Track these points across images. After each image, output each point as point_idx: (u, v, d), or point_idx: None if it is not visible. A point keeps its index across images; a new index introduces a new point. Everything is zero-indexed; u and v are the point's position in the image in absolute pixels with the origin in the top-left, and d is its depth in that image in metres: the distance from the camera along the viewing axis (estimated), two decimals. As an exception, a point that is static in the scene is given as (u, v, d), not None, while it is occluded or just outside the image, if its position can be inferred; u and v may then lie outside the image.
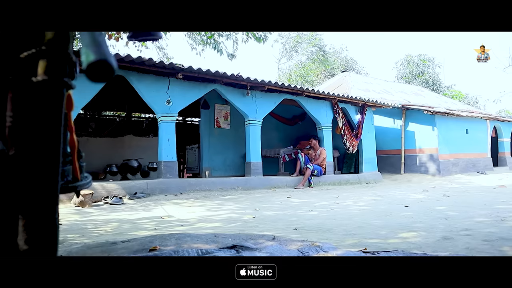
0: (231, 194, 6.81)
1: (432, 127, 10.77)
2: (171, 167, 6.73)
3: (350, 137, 9.63)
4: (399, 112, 11.41)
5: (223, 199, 6.07)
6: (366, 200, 5.56)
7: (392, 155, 11.62)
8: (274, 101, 8.34)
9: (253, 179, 7.59)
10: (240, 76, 7.16)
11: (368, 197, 6.21)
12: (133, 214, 4.54)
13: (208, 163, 9.77)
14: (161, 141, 6.78)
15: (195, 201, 5.89)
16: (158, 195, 6.30)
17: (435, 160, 10.67)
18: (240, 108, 7.83)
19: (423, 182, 10.22)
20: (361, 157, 10.15)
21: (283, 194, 7.00)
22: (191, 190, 6.76)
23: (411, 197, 5.92)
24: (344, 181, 9.23)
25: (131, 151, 8.83)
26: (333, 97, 9.13)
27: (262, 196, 6.58)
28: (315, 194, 7.07)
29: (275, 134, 11.45)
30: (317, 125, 9.31)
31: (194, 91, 7.17)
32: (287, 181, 8.08)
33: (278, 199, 5.99)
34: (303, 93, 8.47)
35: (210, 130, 9.92)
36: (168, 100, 6.83)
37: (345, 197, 6.34)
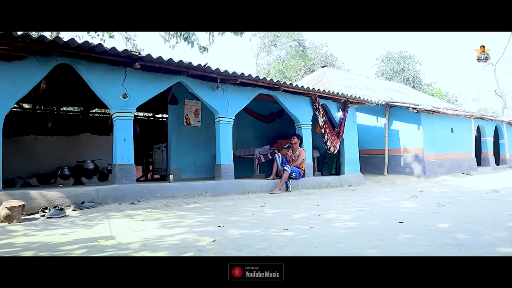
0: (197, 201, 5.95)
1: (417, 125, 10.14)
2: (127, 171, 5.82)
3: (331, 136, 8.89)
4: (382, 109, 10.75)
5: (186, 209, 5.21)
6: (351, 211, 4.80)
7: (375, 155, 10.96)
8: (248, 96, 7.50)
9: (223, 183, 6.75)
10: (208, 67, 6.29)
11: (352, 205, 5.45)
12: (67, 233, 3.64)
13: (177, 164, 8.88)
14: (116, 141, 5.86)
15: (153, 211, 5.01)
16: (111, 204, 5.40)
17: (421, 160, 10.05)
18: (209, 104, 6.96)
19: (408, 184, 9.59)
20: (342, 158, 9.43)
21: (256, 201, 6.18)
22: (150, 198, 5.88)
23: (402, 207, 5.19)
24: (324, 184, 8.49)
25: (88, 151, 7.86)
26: (313, 92, 8.37)
27: (232, 204, 5.74)
28: (293, 201, 6.29)
29: (250, 132, 10.63)
30: (296, 123, 8.53)
31: (155, 84, 6.26)
32: (262, 185, 7.27)
33: (250, 209, 5.17)
34: (280, 87, 7.66)
35: (179, 128, 9.03)
36: (125, 93, 5.91)
37: (327, 205, 5.57)
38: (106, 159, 7.85)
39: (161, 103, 9.19)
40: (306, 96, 8.57)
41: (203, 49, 10.32)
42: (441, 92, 23.41)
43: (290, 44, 24.18)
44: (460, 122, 11.94)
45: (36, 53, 5.15)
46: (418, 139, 10.10)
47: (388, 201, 6.01)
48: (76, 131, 8.79)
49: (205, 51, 10.35)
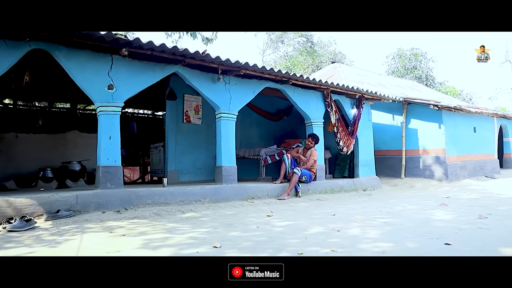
0: (193, 209, 5.15)
1: (439, 124, 9.26)
2: (112, 174, 5.03)
3: (344, 135, 8.05)
4: (399, 107, 9.89)
5: (179, 220, 4.41)
6: (376, 225, 3.97)
7: (391, 156, 10.10)
8: (253, 89, 6.69)
9: (224, 188, 5.94)
10: (207, 55, 5.48)
11: (375, 216, 4.63)
12: (22, 254, 2.86)
13: (175, 165, 8.09)
14: (100, 139, 5.08)
15: (139, 223, 4.22)
16: (92, 213, 4.62)
17: (442, 162, 9.17)
18: (209, 98, 6.15)
19: (428, 189, 8.72)
20: (356, 159, 8.58)
21: (262, 209, 5.37)
22: (140, 205, 5.09)
23: (436, 218, 4.35)
24: (337, 188, 7.66)
25: (76, 151, 7.09)
26: (325, 87, 7.54)
27: (234, 213, 4.94)
28: (304, 209, 5.47)
29: (255, 131, 9.82)
30: (306, 120, 7.70)
31: (146, 74, 5.47)
32: (268, 189, 6.45)
33: (255, 219, 4.36)
34: (289, 80, 6.84)
35: (177, 126, 8.24)
36: (110, 84, 5.12)
37: (344, 214, 4.75)
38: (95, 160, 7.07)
39: (160, 99, 8.41)
40: (317, 91, 7.74)
41: (207, 40, 9.52)
42: (455, 90, 22.45)
43: (297, 40, 23.30)
44: (482, 121, 11.03)
45: (3, 36, 4.38)
46: (439, 139, 9.22)
47: (415, 210, 5.17)
48: (62, 128, 8.03)
49: (208, 42, 9.55)
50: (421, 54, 24.12)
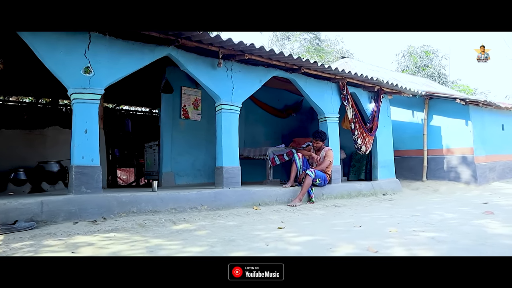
0: (188, 219, 4.24)
1: (465, 121, 8.30)
2: (89, 175, 4.14)
3: (362, 133, 7.11)
4: (419, 102, 8.94)
5: (167, 234, 3.50)
6: (420, 241, 3.03)
7: (411, 156, 9.14)
8: (260, 78, 5.78)
9: (225, 193, 5.02)
10: (205, 34, 4.56)
11: (411, 227, 3.69)
12: None
13: (171, 167, 7.21)
14: (74, 133, 4.19)
15: (116, 237, 3.31)
16: (61, 224, 3.72)
17: (470, 163, 8.20)
18: (208, 86, 5.25)
19: (455, 193, 7.77)
20: (375, 160, 7.64)
21: (271, 218, 4.45)
22: (123, 213, 4.19)
23: (492, 232, 3.40)
24: (355, 193, 6.72)
25: (57, 149, 6.17)
26: (341, 77, 6.62)
27: (237, 224, 4.01)
28: (321, 218, 4.54)
29: (261, 128, 8.91)
30: (319, 115, 6.77)
31: (132, 56, 4.57)
32: (277, 194, 5.53)
33: (263, 234, 3.44)
34: (301, 67, 5.93)
35: (174, 122, 7.37)
36: (88, 67, 4.23)
37: (372, 226, 3.82)
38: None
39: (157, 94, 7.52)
40: (331, 82, 6.82)
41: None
42: (469, 89, 21.44)
43: (304, 37, 22.38)
44: (510, 118, 10.04)
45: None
46: (466, 137, 8.25)
47: (458, 219, 4.22)
48: (41, 124, 7.14)
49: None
50: (432, 51, 23.12)
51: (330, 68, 6.05)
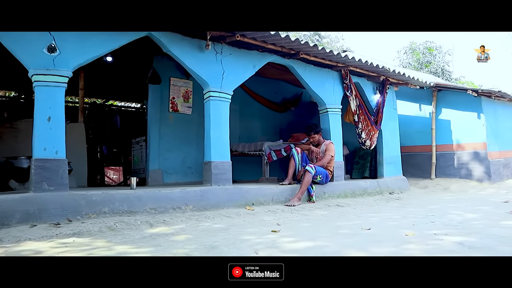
0: (168, 221, 3.66)
1: (477, 113, 7.71)
2: (52, 170, 3.55)
3: (367, 126, 6.52)
4: (427, 94, 8.35)
5: (139, 239, 2.92)
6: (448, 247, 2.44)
7: (418, 153, 8.55)
8: (254, 63, 5.19)
9: (214, 191, 4.42)
10: (189, 8, 3.97)
11: (430, 229, 3.10)
12: None
13: (158, 164, 6.63)
14: (36, 121, 3.61)
15: (75, 244, 2.72)
16: (14, 227, 3.15)
17: (483, 159, 7.60)
18: (194, 71, 4.66)
19: (468, 191, 7.18)
20: (380, 156, 7.04)
21: (265, 220, 3.86)
22: (92, 214, 3.60)
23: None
24: (359, 191, 6.13)
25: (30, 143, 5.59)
26: (343, 64, 6.04)
27: (224, 227, 3.42)
28: (324, 220, 3.95)
29: (258, 123, 8.33)
30: (320, 106, 6.18)
31: (105, 35, 3.98)
32: (273, 193, 4.94)
33: (254, 239, 2.85)
34: (299, 52, 5.34)
35: (162, 116, 6.79)
36: (52, 45, 3.65)
37: (384, 229, 3.23)
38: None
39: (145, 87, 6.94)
40: (333, 70, 6.24)
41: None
42: (474, 86, 20.84)
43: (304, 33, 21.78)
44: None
45: None
46: (478, 131, 7.66)
47: (481, 220, 3.64)
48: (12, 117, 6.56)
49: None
50: (435, 47, 22.50)
51: (332, 53, 5.46)
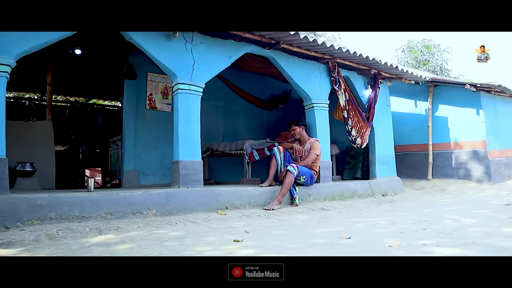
0: (121, 227, 3.20)
1: (476, 110, 7.25)
2: (-13, 171, 3.11)
3: (357, 122, 6.08)
4: (423, 90, 7.90)
5: (76, 249, 2.47)
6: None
7: (413, 152, 8.10)
8: (229, 54, 4.73)
9: (182, 193, 3.97)
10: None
11: (420, 238, 2.64)
12: None
13: (134, 164, 6.19)
14: (-31, 115, 3.16)
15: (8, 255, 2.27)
16: None
17: (482, 158, 7.14)
18: (160, 61, 4.21)
19: (466, 193, 6.72)
20: (372, 155, 6.59)
21: (234, 226, 3.41)
22: (36, 220, 3.16)
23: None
24: (348, 193, 5.67)
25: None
26: (331, 55, 5.59)
27: (182, 235, 2.96)
28: (302, 226, 3.50)
29: (243, 121, 7.89)
30: (305, 101, 5.74)
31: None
32: (251, 195, 4.48)
33: (208, 250, 2.40)
34: (280, 42, 4.88)
35: (138, 113, 6.36)
36: (-11, 29, 3.20)
37: (366, 237, 2.78)
38: (22, 155, 5.18)
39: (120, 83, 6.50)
40: (320, 63, 5.79)
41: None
42: (473, 83, 20.37)
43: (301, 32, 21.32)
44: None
45: None
46: (478, 128, 7.20)
47: (479, 226, 3.18)
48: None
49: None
50: (433, 45, 22.06)
51: (316, 42, 4.99)
